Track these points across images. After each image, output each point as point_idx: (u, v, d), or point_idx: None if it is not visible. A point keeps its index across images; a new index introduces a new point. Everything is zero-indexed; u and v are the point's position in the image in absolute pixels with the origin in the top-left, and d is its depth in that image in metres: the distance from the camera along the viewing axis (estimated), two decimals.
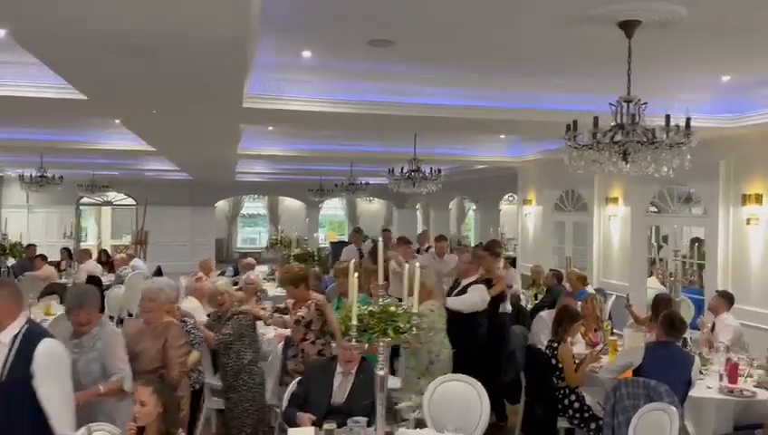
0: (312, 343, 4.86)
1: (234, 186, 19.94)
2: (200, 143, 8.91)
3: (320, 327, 4.88)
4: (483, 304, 5.92)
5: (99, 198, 19.17)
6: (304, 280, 5.01)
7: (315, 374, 4.18)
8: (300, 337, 4.88)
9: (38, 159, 12.28)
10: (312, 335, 4.87)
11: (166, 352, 4.06)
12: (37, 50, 3.88)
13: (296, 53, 5.22)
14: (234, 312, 4.96)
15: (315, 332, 4.88)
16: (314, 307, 4.89)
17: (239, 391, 4.92)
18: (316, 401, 3.98)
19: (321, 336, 4.89)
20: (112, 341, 3.74)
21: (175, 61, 4.10)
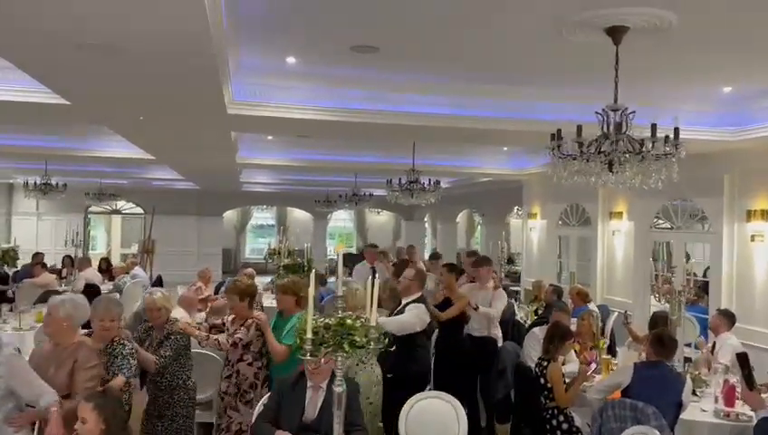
0: (249, 365, 4.58)
1: (241, 196, 19.94)
2: (196, 151, 8.87)
3: (258, 348, 4.60)
4: (420, 325, 5.37)
5: (107, 207, 19.29)
6: (250, 296, 4.65)
7: (286, 388, 3.99)
8: (237, 358, 4.58)
9: (42, 166, 12.35)
10: (249, 356, 4.58)
11: (73, 374, 3.64)
12: (4, 50, 3.82)
13: (281, 59, 5.14)
14: (170, 331, 4.61)
15: (253, 353, 4.59)
16: (254, 328, 4.55)
17: (175, 408, 4.66)
18: (287, 418, 3.82)
19: (260, 358, 4.61)
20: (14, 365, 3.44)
21: (144, 63, 4.02)
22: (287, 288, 4.72)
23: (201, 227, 19.91)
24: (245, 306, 4.59)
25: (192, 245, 19.56)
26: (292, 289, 4.70)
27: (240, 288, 4.61)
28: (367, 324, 2.82)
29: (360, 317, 2.88)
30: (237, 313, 4.64)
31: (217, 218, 20.47)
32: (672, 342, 4.55)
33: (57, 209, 18.54)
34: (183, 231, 19.48)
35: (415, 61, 5.19)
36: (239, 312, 4.62)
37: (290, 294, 4.66)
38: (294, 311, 4.65)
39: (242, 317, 4.61)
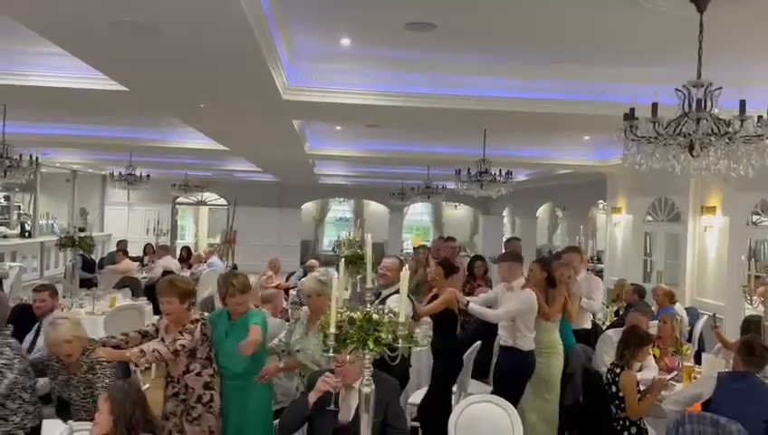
0: (198, 375, 3.90)
1: (318, 188, 20.14)
2: (262, 141, 8.90)
3: (206, 354, 3.92)
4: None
5: (193, 198, 20.03)
6: (188, 295, 3.93)
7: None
8: (182, 370, 3.89)
9: (128, 157, 12.92)
10: (197, 365, 3.89)
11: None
12: (44, 30, 3.86)
13: (335, 41, 4.95)
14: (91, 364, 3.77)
15: (201, 360, 3.91)
16: (199, 330, 3.85)
17: None
18: (320, 417, 3.60)
19: (209, 364, 3.94)
20: None
21: (187, 47, 3.96)
22: (245, 286, 4.05)
23: (281, 219, 20.30)
24: (185, 309, 3.88)
25: (272, 236, 19.94)
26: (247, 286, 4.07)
27: (180, 289, 3.88)
28: (395, 320, 2.57)
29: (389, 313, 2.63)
30: (177, 317, 3.88)
31: (296, 210, 20.80)
32: (764, 350, 3.98)
33: (147, 200, 19.47)
34: (264, 222, 19.92)
35: (477, 39, 4.84)
36: (179, 315, 3.87)
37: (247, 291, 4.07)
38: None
39: (180, 322, 3.87)
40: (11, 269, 11.38)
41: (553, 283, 5.35)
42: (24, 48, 5.24)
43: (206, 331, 3.90)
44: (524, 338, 5.14)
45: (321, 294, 4.27)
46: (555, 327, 5.36)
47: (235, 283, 3.99)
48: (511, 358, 5.16)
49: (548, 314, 5.26)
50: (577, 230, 15.79)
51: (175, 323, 3.88)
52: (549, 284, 5.34)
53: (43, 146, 11.24)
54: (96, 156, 14.54)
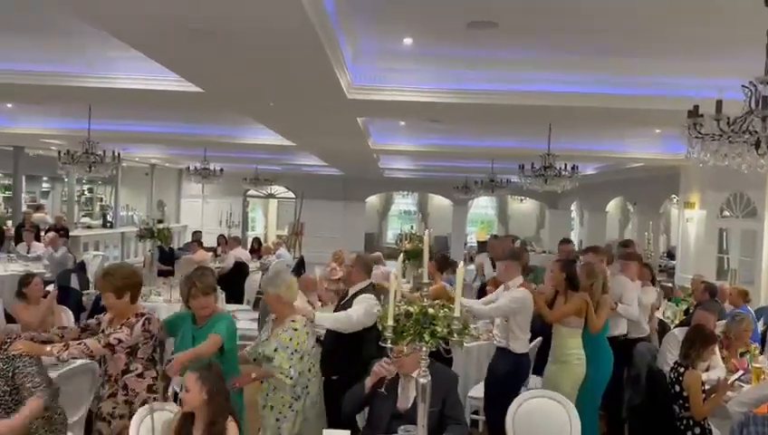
0: (140, 377, 3.54)
1: (383, 182, 20.36)
2: (327, 136, 9.14)
3: (148, 354, 3.57)
4: (369, 320, 4.34)
5: (263, 191, 20.71)
6: (125, 289, 3.53)
7: None
8: (120, 369, 3.54)
9: (202, 152, 13.54)
10: (138, 366, 3.53)
11: None
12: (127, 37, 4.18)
13: (398, 41, 5.07)
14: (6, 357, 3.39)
15: (143, 361, 3.56)
16: (141, 327, 3.49)
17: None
18: (379, 406, 3.76)
19: (152, 366, 3.59)
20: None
21: (254, 49, 4.17)
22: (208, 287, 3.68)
23: (346, 212, 20.65)
24: (127, 302, 3.55)
25: (337, 228, 20.33)
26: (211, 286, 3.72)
27: (112, 284, 3.51)
28: (450, 315, 2.67)
29: (445, 306, 2.74)
30: (118, 311, 3.58)
31: (361, 203, 21.10)
32: None
33: (220, 193, 20.26)
34: (329, 215, 20.32)
35: (539, 35, 4.86)
36: (119, 310, 3.57)
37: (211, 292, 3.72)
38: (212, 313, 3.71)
39: (123, 316, 3.55)
40: (94, 258, 12.15)
41: (574, 286, 4.91)
42: (108, 53, 5.63)
43: (149, 328, 3.51)
44: (517, 340, 4.79)
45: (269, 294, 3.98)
46: (571, 334, 4.84)
47: (197, 283, 3.64)
48: (503, 360, 4.83)
49: (548, 316, 4.90)
50: (648, 226, 15.31)
51: (117, 317, 3.58)
52: (569, 286, 4.90)
53: (125, 142, 11.93)
54: (173, 151, 15.30)
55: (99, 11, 3.66)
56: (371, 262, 4.84)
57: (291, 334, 3.85)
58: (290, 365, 3.78)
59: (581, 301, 4.83)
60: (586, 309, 4.82)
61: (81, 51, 5.67)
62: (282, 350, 3.78)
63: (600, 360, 4.98)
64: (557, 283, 4.92)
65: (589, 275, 5.00)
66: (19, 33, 5.29)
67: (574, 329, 4.85)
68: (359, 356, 4.33)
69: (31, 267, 8.94)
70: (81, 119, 8.61)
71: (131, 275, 3.66)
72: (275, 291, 3.90)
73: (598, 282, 4.96)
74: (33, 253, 10.21)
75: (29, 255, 10.13)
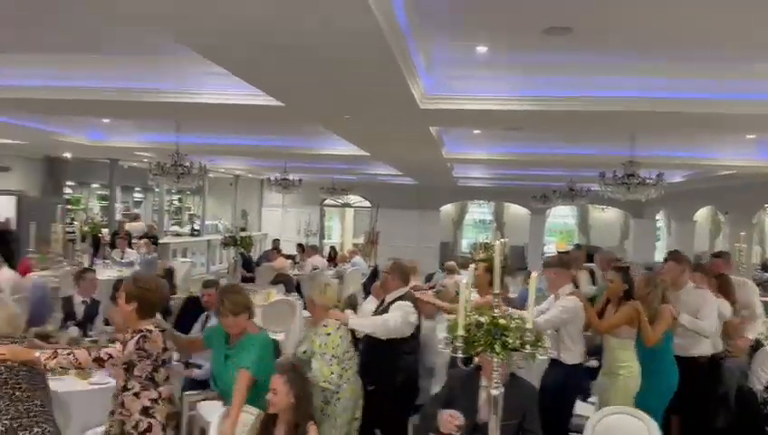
0: (136, 396, 3.29)
1: (457, 191, 20.25)
2: (401, 147, 9.20)
3: (148, 373, 3.31)
4: (407, 328, 4.38)
5: (339, 201, 21.10)
6: (136, 299, 3.34)
7: (458, 384, 3.90)
8: (120, 386, 3.36)
9: (283, 164, 13.99)
10: (135, 384, 3.30)
11: None
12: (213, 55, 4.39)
13: (471, 49, 5.06)
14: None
15: (140, 380, 3.30)
16: (135, 344, 3.24)
17: None
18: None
19: (152, 386, 3.32)
20: None
21: (330, 63, 4.28)
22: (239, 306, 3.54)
23: (420, 221, 20.66)
24: (132, 314, 3.35)
25: (412, 237, 20.37)
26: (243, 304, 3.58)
27: (128, 290, 3.38)
28: (522, 326, 2.64)
29: (515, 318, 2.71)
30: (123, 318, 3.48)
31: (435, 213, 21.06)
32: None
33: (298, 202, 20.81)
34: (404, 224, 20.41)
35: (618, 39, 4.71)
36: (125, 318, 3.44)
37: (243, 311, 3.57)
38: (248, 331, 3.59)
39: (126, 326, 3.42)
40: (182, 264, 12.77)
41: (630, 296, 4.67)
42: (195, 70, 5.94)
43: (144, 346, 3.26)
44: (569, 351, 4.59)
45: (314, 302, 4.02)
46: (621, 345, 4.61)
47: (226, 303, 3.49)
48: (555, 372, 4.63)
49: (597, 326, 4.68)
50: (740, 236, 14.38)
51: (122, 326, 3.53)
52: (626, 296, 4.67)
53: (210, 154, 12.49)
54: (255, 162, 15.87)
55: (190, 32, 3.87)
56: (408, 269, 4.81)
57: (324, 340, 3.88)
58: (331, 372, 3.81)
59: (632, 310, 4.56)
60: (638, 319, 4.55)
61: (170, 69, 6.01)
62: (319, 357, 3.81)
63: (660, 374, 4.65)
64: (616, 292, 4.70)
65: (647, 283, 4.75)
66: (115, 53, 5.68)
67: (624, 340, 4.59)
68: (395, 368, 4.35)
69: (124, 273, 9.51)
70: (170, 132, 9.11)
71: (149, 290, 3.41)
72: (309, 294, 4.03)
73: (656, 291, 4.69)
74: (126, 259, 10.86)
75: (122, 261, 10.79)
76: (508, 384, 3.70)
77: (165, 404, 3.35)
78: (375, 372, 4.25)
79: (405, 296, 4.49)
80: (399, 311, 4.36)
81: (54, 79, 6.16)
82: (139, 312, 3.35)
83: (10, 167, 13.59)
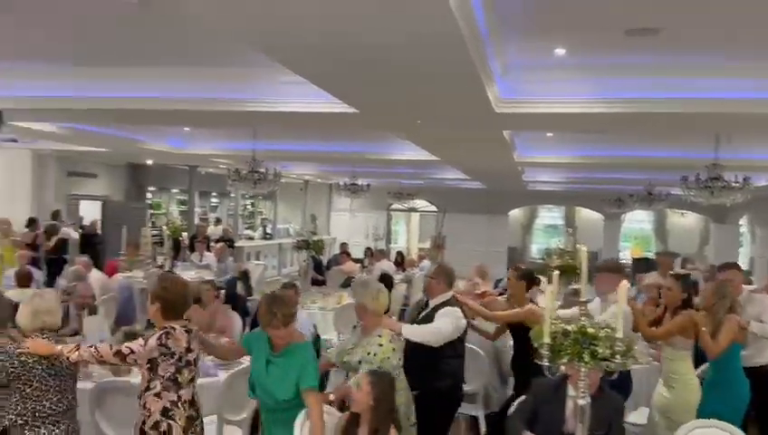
0: (157, 396, 3.24)
1: (526, 195, 19.90)
2: (472, 151, 9.14)
3: (170, 374, 3.25)
4: (455, 333, 4.28)
5: (405, 205, 21.16)
6: (160, 300, 3.35)
7: (545, 394, 3.80)
8: (144, 386, 3.30)
9: (351, 169, 14.17)
10: (156, 384, 3.24)
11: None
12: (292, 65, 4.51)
13: (549, 52, 4.99)
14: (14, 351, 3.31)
15: (162, 380, 3.25)
16: (156, 340, 3.22)
17: None
18: (545, 425, 3.66)
19: (174, 387, 3.26)
20: None
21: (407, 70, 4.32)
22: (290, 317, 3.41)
23: (488, 225, 20.43)
24: (157, 313, 3.36)
25: (479, 242, 20.16)
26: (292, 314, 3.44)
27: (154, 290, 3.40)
28: (612, 335, 2.57)
29: (606, 327, 2.64)
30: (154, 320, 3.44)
31: (504, 217, 20.78)
32: None
33: (366, 207, 21.02)
34: (471, 228, 20.23)
35: (704, 40, 4.53)
36: (153, 317, 3.43)
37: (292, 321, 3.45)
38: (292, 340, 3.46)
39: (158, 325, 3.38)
40: (256, 267, 13.13)
41: (689, 305, 4.47)
42: (273, 79, 6.12)
43: (167, 342, 3.22)
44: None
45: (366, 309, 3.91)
46: (676, 356, 4.43)
47: (278, 313, 3.36)
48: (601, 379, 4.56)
49: (645, 333, 4.51)
50: None
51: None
52: (684, 306, 4.45)
53: (283, 160, 12.81)
54: (325, 168, 16.17)
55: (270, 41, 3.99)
56: (453, 273, 4.67)
57: (376, 350, 3.80)
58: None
59: (686, 320, 4.33)
60: (693, 330, 4.31)
61: (248, 79, 6.21)
62: (366, 365, 3.75)
63: (730, 387, 4.35)
64: (674, 300, 4.53)
65: (716, 293, 4.44)
66: (195, 64, 5.93)
67: (680, 351, 4.39)
68: (437, 371, 4.25)
69: (202, 274, 9.88)
70: (247, 140, 9.41)
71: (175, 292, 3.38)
72: (361, 300, 3.90)
73: (723, 302, 4.38)
74: (204, 262, 11.27)
75: (201, 263, 11.20)
76: (596, 395, 3.64)
77: (185, 407, 3.28)
78: (419, 376, 4.10)
79: (450, 301, 4.40)
80: (449, 317, 4.27)
81: (141, 90, 6.50)
82: (163, 312, 3.34)
83: (97, 174, 14.42)
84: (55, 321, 3.48)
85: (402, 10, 3.17)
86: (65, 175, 13.23)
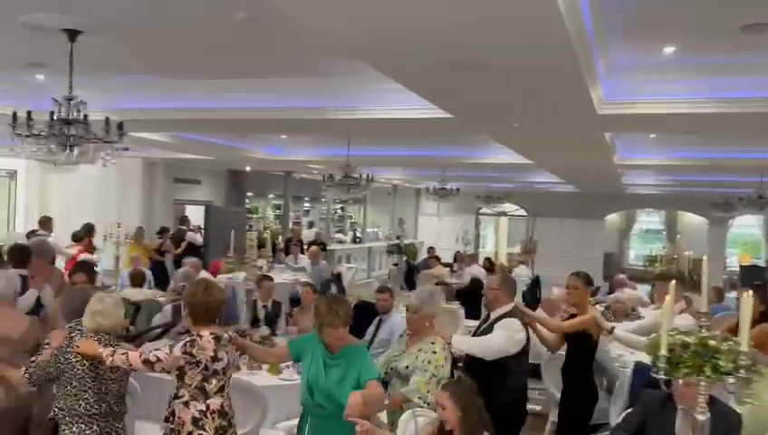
0: (185, 405, 3.20)
1: (624, 198, 19.09)
2: (569, 154, 8.90)
3: (197, 383, 3.20)
4: (513, 347, 4.07)
5: (494, 209, 20.88)
6: (189, 305, 3.35)
7: (654, 407, 3.67)
8: (173, 393, 3.28)
9: (440, 173, 14.18)
10: (185, 392, 3.21)
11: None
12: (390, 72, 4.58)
13: (656, 51, 4.79)
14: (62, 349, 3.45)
15: (190, 389, 3.20)
16: (181, 349, 3.18)
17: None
18: None
19: (201, 396, 3.20)
20: None
21: (510, 74, 4.27)
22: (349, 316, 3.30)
23: (582, 230, 19.79)
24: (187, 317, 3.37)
25: (572, 247, 19.57)
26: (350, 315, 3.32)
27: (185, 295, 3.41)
28: (735, 348, 2.43)
29: (728, 339, 2.50)
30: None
31: (599, 222, 20.04)
32: None
33: (453, 211, 20.93)
34: (564, 233, 19.68)
35: None
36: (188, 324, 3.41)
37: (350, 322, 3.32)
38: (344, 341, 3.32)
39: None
40: (348, 270, 13.42)
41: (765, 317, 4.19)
42: (368, 87, 6.24)
43: (192, 351, 3.17)
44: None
45: (416, 312, 3.85)
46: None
47: (339, 311, 3.24)
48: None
49: None
50: None
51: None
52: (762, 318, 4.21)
53: (374, 165, 13.01)
54: (413, 172, 16.27)
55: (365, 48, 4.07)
56: (515, 284, 4.56)
57: (429, 357, 3.73)
58: (428, 390, 3.67)
59: (762, 333, 4.07)
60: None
61: (343, 87, 6.38)
62: (420, 373, 3.69)
63: None
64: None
65: None
66: (295, 75, 6.15)
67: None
68: (502, 387, 4.08)
69: (298, 277, 10.21)
70: (341, 146, 9.65)
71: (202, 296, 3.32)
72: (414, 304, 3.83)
73: None
74: (299, 264, 11.64)
75: (296, 266, 11.57)
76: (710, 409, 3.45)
77: (213, 417, 3.20)
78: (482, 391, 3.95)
79: (512, 312, 4.23)
80: (504, 330, 4.11)
81: (245, 101, 6.84)
82: (192, 317, 3.33)
83: (200, 180, 15.25)
84: (110, 323, 3.50)
85: (510, 12, 3.15)
86: (172, 181, 14.09)
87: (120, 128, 4.83)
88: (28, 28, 4.58)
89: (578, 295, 4.61)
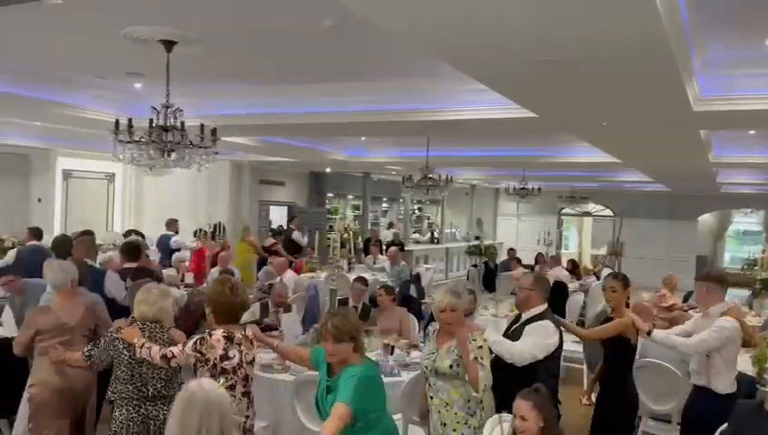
0: None
1: (719, 198, 18.02)
2: (661, 152, 8.49)
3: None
4: (538, 353, 3.82)
5: (578, 209, 20.24)
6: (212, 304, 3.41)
7: (744, 418, 3.48)
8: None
9: (521, 172, 13.89)
10: None
11: None
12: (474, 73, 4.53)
13: (758, 44, 4.49)
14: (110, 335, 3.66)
15: None
16: (193, 347, 3.25)
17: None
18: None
19: None
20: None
21: (602, 72, 4.13)
22: (343, 333, 3.06)
23: (672, 232, 18.88)
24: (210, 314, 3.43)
25: (661, 249, 18.70)
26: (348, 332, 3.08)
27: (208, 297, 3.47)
28: None
29: None
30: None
31: (691, 223, 19.02)
32: None
33: (533, 211, 20.48)
34: (652, 235, 18.87)
35: None
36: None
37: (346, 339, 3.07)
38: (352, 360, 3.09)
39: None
40: (426, 271, 13.40)
41: None
42: (448, 88, 6.21)
43: (202, 349, 3.24)
44: (720, 377, 4.11)
45: (454, 309, 3.68)
46: None
47: (329, 325, 3.06)
48: (702, 401, 4.17)
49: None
50: None
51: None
52: None
53: (453, 166, 12.95)
54: (492, 172, 16.05)
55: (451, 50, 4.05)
56: (550, 285, 4.25)
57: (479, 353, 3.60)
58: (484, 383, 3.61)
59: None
60: None
61: (423, 88, 6.38)
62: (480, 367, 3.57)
63: None
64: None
65: None
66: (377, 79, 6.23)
67: None
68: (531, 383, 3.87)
69: (378, 277, 10.30)
70: (420, 147, 9.66)
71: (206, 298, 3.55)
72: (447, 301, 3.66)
73: None
74: (378, 264, 11.74)
75: (375, 266, 11.68)
76: None
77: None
78: (505, 396, 3.60)
79: (545, 314, 4.00)
80: (535, 336, 3.89)
81: (329, 105, 6.99)
82: (215, 316, 3.39)
83: (284, 181, 15.72)
84: (154, 312, 3.63)
85: (601, 11, 3.05)
86: (257, 183, 14.60)
87: (214, 134, 5.07)
88: (128, 40, 4.88)
89: (617, 298, 4.40)
